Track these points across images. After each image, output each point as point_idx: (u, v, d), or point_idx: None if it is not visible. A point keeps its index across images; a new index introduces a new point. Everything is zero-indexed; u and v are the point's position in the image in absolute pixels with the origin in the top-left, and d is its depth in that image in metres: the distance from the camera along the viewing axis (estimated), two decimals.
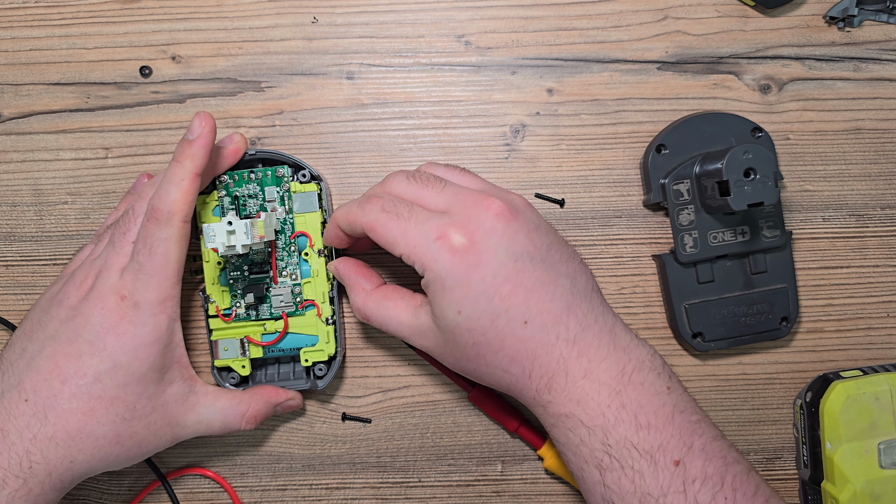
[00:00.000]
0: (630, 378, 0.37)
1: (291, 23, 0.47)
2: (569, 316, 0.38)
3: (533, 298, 0.37)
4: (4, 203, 0.47)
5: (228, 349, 0.44)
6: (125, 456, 0.40)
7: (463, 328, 0.37)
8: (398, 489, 0.47)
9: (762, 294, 0.45)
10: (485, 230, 0.37)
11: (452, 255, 0.37)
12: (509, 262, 0.37)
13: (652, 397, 0.37)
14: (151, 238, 0.39)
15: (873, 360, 0.47)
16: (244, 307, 0.44)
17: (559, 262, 0.39)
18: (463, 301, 0.37)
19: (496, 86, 0.47)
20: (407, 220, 0.38)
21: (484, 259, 0.37)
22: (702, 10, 0.47)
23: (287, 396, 0.45)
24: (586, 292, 0.39)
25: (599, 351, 0.37)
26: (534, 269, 0.37)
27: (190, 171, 0.40)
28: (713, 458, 0.36)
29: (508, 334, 0.37)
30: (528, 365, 0.37)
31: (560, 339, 0.37)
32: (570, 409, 0.37)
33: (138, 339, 0.39)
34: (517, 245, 0.37)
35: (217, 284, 0.44)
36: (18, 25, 0.47)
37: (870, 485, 0.42)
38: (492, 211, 0.38)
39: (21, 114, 0.47)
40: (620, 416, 0.36)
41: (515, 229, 0.38)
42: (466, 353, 0.38)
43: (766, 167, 0.40)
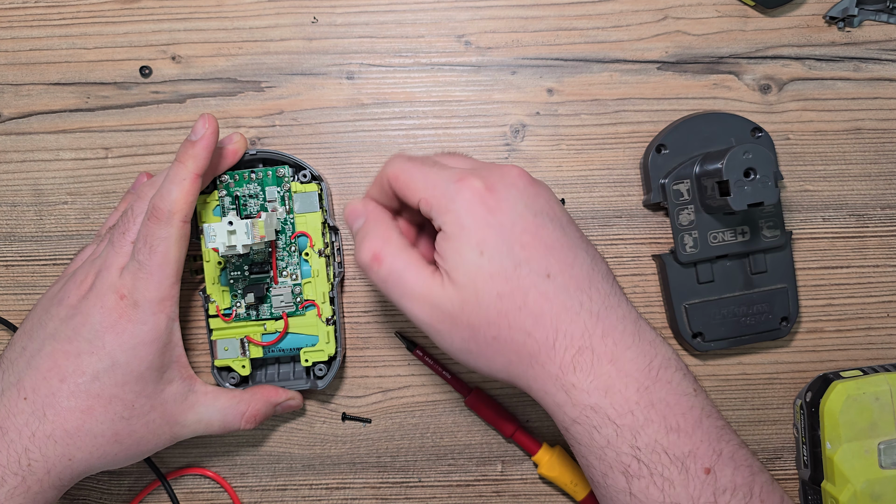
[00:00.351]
0: (658, 374, 0.35)
1: (291, 23, 0.47)
2: (591, 288, 0.35)
3: (554, 255, 0.35)
4: (4, 203, 0.47)
5: (228, 349, 0.44)
6: (124, 455, 0.40)
7: (486, 273, 0.35)
8: (398, 489, 0.47)
9: (762, 294, 0.45)
10: (505, 182, 0.36)
11: (473, 195, 0.35)
12: (528, 215, 0.36)
13: (680, 398, 0.35)
14: (152, 237, 0.39)
15: (873, 360, 0.47)
16: (244, 307, 0.44)
17: (580, 238, 0.37)
18: (484, 242, 0.35)
19: (496, 86, 0.47)
20: (430, 167, 0.37)
21: (503, 206, 0.35)
22: (702, 10, 0.47)
23: (287, 396, 0.45)
24: (608, 276, 0.37)
25: (625, 337, 0.35)
26: (554, 229, 0.36)
27: (192, 172, 0.40)
28: (741, 466, 0.34)
29: (532, 286, 0.35)
30: (552, 330, 0.35)
31: (584, 308, 0.35)
32: (597, 399, 0.34)
33: (137, 338, 0.39)
34: (537, 203, 0.36)
35: (217, 284, 0.44)
36: (18, 25, 0.47)
37: (870, 485, 0.42)
38: (514, 171, 0.37)
39: (21, 114, 0.47)
40: (650, 415, 0.34)
41: (537, 192, 0.37)
42: (489, 313, 0.35)
43: (766, 167, 0.40)
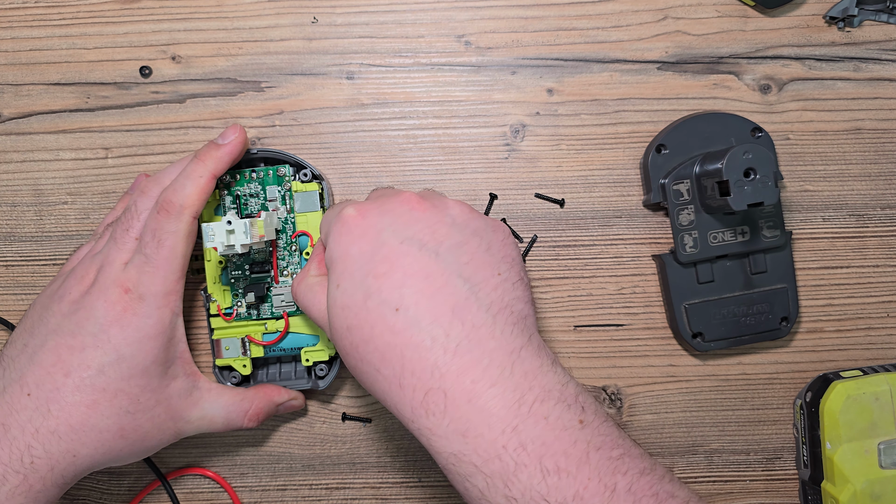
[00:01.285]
0: (531, 410, 0.31)
1: (291, 23, 0.47)
2: (452, 320, 0.33)
3: (410, 286, 0.33)
4: (4, 203, 0.47)
5: (230, 348, 0.44)
6: (128, 450, 0.40)
7: (339, 305, 0.34)
8: (398, 489, 0.47)
9: (762, 294, 0.45)
10: (381, 210, 0.36)
11: (342, 227, 0.36)
12: (393, 242, 0.34)
13: (559, 434, 0.31)
14: (160, 230, 0.39)
15: (873, 360, 0.47)
16: (245, 306, 0.44)
17: (464, 265, 0.34)
18: (342, 275, 0.35)
19: (496, 86, 0.47)
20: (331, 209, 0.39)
21: (369, 234, 0.35)
22: (702, 10, 0.47)
23: (290, 396, 0.45)
24: (491, 306, 0.33)
25: (489, 371, 0.32)
26: (420, 256, 0.34)
27: (210, 171, 0.41)
28: (642, 497, 0.30)
29: (379, 319, 0.33)
30: (398, 366, 0.32)
31: (436, 343, 0.32)
32: (458, 445, 0.31)
33: (142, 332, 0.39)
34: (409, 230, 0.35)
35: (218, 283, 0.44)
36: (18, 25, 0.47)
37: (870, 485, 0.42)
38: (400, 198, 0.36)
39: (21, 114, 0.47)
40: (521, 459, 0.30)
41: (417, 218, 0.35)
42: (344, 343, 0.35)
43: (766, 167, 0.40)
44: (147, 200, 0.41)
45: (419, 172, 0.47)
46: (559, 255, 0.47)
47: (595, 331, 0.47)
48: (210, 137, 0.47)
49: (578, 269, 0.47)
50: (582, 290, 0.47)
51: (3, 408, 0.38)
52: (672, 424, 0.47)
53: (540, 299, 0.47)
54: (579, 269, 0.47)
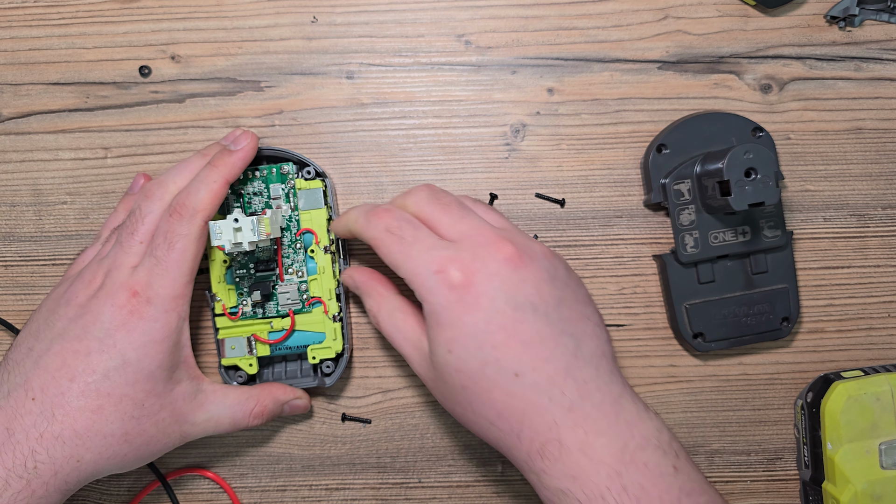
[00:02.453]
0: (633, 457, 0.34)
1: (291, 22, 0.47)
2: (566, 379, 0.35)
3: (527, 352, 0.35)
4: (3, 203, 0.47)
5: (235, 348, 0.44)
6: (133, 455, 0.40)
7: (452, 368, 0.36)
8: (398, 490, 0.47)
9: (763, 294, 0.45)
10: (488, 272, 0.35)
11: (449, 292, 0.35)
12: (507, 310, 0.35)
13: (657, 480, 0.34)
14: (172, 233, 0.39)
15: (874, 360, 0.47)
16: (250, 305, 0.44)
17: (567, 320, 0.36)
18: (454, 341, 0.35)
19: (496, 85, 0.47)
20: (410, 245, 0.37)
21: (481, 303, 0.35)
22: (702, 10, 0.46)
23: (295, 395, 0.45)
24: (592, 358, 0.36)
25: (598, 424, 0.35)
26: (535, 322, 0.35)
27: (223, 177, 0.41)
28: None
29: (497, 385, 0.35)
30: (516, 424, 0.35)
31: (553, 402, 0.35)
32: (567, 484, 0.34)
33: (148, 336, 0.39)
34: (520, 294, 0.35)
35: (223, 283, 0.44)
36: (17, 25, 0.47)
37: (871, 485, 0.41)
38: (501, 254, 0.36)
39: (20, 113, 0.47)
40: (622, 500, 0.33)
41: (523, 277, 0.36)
42: (456, 396, 0.37)
43: (767, 167, 0.40)
44: (151, 203, 0.41)
45: (419, 172, 0.47)
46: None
47: None
48: (210, 137, 0.46)
49: (579, 269, 0.47)
50: None
51: (7, 412, 0.38)
52: (673, 425, 0.47)
53: None
54: (580, 270, 0.47)
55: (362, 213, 0.40)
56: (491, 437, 0.37)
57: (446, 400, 0.38)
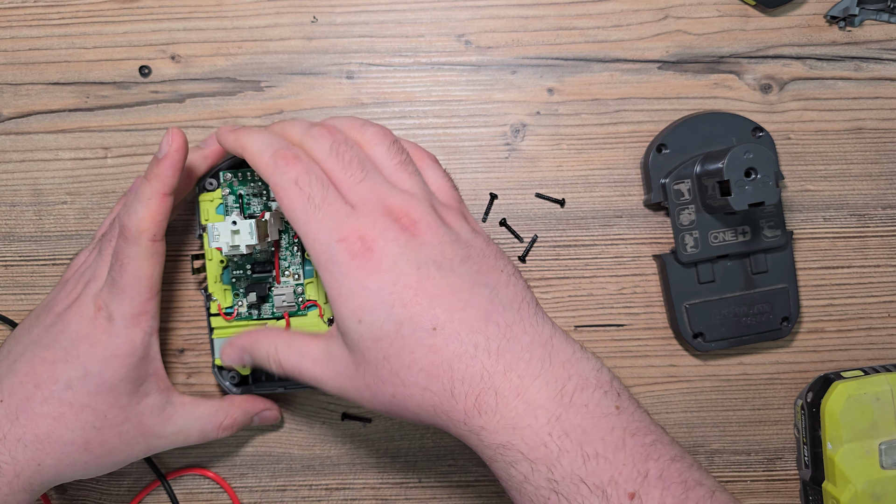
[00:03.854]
0: (572, 399, 0.33)
1: (291, 22, 0.47)
2: (487, 325, 0.34)
3: (440, 305, 0.34)
4: (3, 203, 0.47)
5: None
6: (94, 464, 0.40)
7: (368, 339, 0.35)
8: (398, 489, 0.47)
9: (763, 294, 0.45)
10: (387, 238, 0.35)
11: (351, 259, 0.35)
12: (411, 270, 0.34)
13: (598, 421, 0.33)
14: (122, 254, 0.39)
15: (874, 360, 0.47)
16: (246, 306, 0.44)
17: (478, 273, 0.36)
18: (362, 309, 0.34)
19: (496, 85, 0.47)
20: (316, 208, 0.36)
21: (383, 266, 0.34)
22: (702, 10, 0.46)
23: (265, 406, 0.45)
24: (512, 303, 0.35)
25: (531, 366, 0.34)
26: (441, 277, 0.35)
27: (157, 191, 0.39)
28: (671, 484, 0.32)
29: (418, 343, 0.34)
30: (447, 380, 0.34)
31: (479, 349, 0.34)
32: (507, 437, 0.33)
33: (109, 350, 0.39)
34: (421, 255, 0.35)
35: (219, 283, 0.44)
36: (17, 25, 0.47)
37: (871, 485, 0.41)
38: (398, 223, 0.35)
39: (20, 113, 0.47)
40: (564, 445, 0.32)
41: (421, 242, 0.35)
42: (380, 373, 0.35)
43: (767, 167, 0.40)
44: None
45: None
46: (560, 255, 0.47)
47: (596, 331, 0.47)
48: None
49: (579, 269, 0.47)
50: (582, 290, 0.47)
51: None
52: (673, 425, 0.47)
53: (540, 299, 0.47)
54: (580, 269, 0.47)
55: (267, 148, 0.38)
56: (427, 406, 0.35)
57: (374, 387, 0.35)
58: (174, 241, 0.46)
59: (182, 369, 0.47)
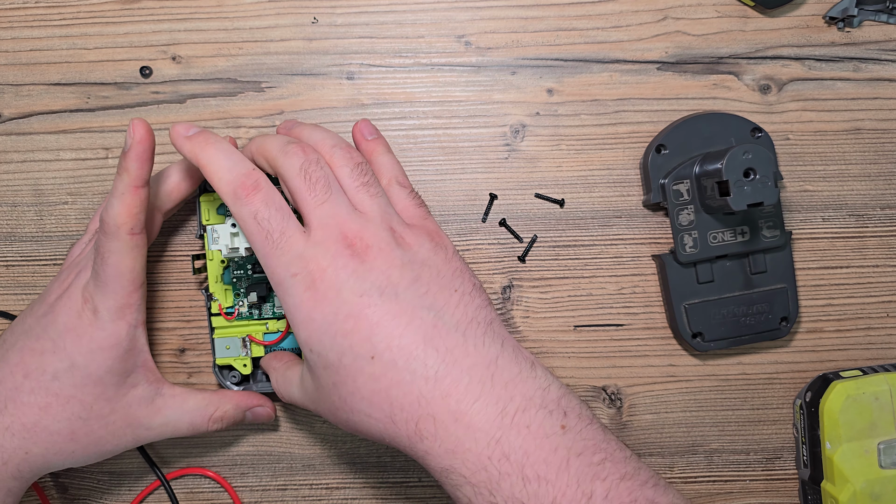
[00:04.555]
0: (513, 420, 0.33)
1: (291, 23, 0.47)
2: (426, 350, 0.34)
3: (378, 333, 0.34)
4: (5, 203, 0.47)
5: (230, 347, 0.44)
6: (82, 453, 0.40)
7: (319, 367, 0.36)
8: (398, 489, 0.47)
9: (762, 294, 0.45)
10: (336, 267, 0.35)
11: (303, 292, 0.35)
12: (353, 298, 0.35)
13: (541, 442, 0.32)
14: (102, 249, 0.39)
15: (873, 360, 0.47)
16: (247, 306, 0.44)
17: (424, 295, 0.35)
18: (311, 339, 0.35)
19: (496, 86, 0.47)
20: (274, 246, 0.36)
21: (329, 296, 0.35)
22: (702, 11, 0.47)
23: (258, 402, 0.45)
24: (458, 325, 0.35)
25: (471, 389, 0.33)
26: (382, 304, 0.35)
27: (129, 184, 0.38)
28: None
29: (358, 372, 0.34)
30: (387, 407, 0.34)
31: (416, 375, 0.34)
32: (449, 461, 0.33)
33: (95, 343, 0.39)
34: (366, 281, 0.35)
35: (220, 283, 0.44)
36: (19, 25, 0.47)
37: (869, 485, 0.42)
38: (350, 249, 0.36)
39: (21, 114, 0.47)
40: (504, 468, 0.32)
41: (371, 267, 0.35)
42: (332, 398, 0.36)
43: (766, 167, 0.40)
44: None
45: (419, 172, 0.47)
46: (559, 255, 0.47)
47: (595, 331, 0.47)
48: None
49: (578, 269, 0.47)
50: (582, 290, 0.47)
51: None
52: (672, 424, 0.47)
53: (540, 299, 0.47)
54: (579, 269, 0.47)
55: (227, 172, 0.37)
56: (374, 432, 0.35)
57: (331, 410, 0.37)
58: (175, 242, 0.47)
59: (183, 369, 0.47)
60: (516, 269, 0.47)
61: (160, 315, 0.47)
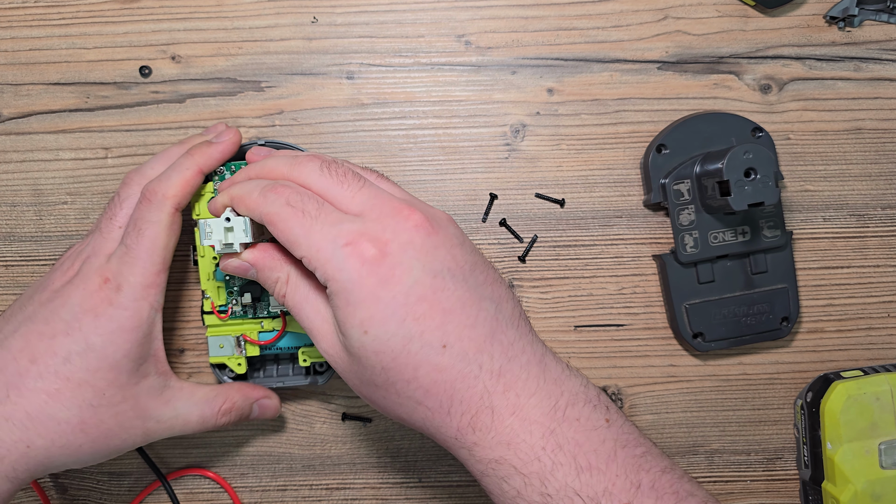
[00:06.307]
0: (564, 414, 0.34)
1: (291, 22, 0.47)
2: (493, 344, 0.34)
3: (452, 321, 0.33)
4: (4, 203, 0.47)
5: (224, 346, 0.43)
6: (90, 448, 0.38)
7: (370, 351, 0.33)
8: (398, 489, 0.47)
9: (763, 294, 0.45)
10: (401, 242, 0.33)
11: (361, 266, 0.33)
12: (426, 279, 0.33)
13: (590, 434, 0.33)
14: (141, 220, 0.38)
15: (874, 360, 0.47)
16: (240, 305, 0.44)
17: (484, 284, 0.35)
18: (370, 320, 0.33)
19: (496, 86, 0.47)
20: (314, 219, 0.34)
21: (397, 274, 0.33)
22: (702, 10, 0.47)
23: (265, 394, 0.44)
24: (513, 319, 0.35)
25: (528, 384, 0.34)
26: (455, 289, 0.33)
27: (197, 164, 0.40)
28: (664, 495, 0.33)
29: (423, 361, 0.33)
30: (446, 399, 0.33)
31: (484, 369, 0.33)
32: (500, 452, 0.33)
33: (115, 323, 0.38)
34: (436, 261, 0.33)
35: (212, 280, 0.43)
36: (18, 25, 0.47)
37: (870, 485, 0.42)
38: (410, 222, 0.34)
39: (21, 114, 0.47)
40: (558, 458, 0.33)
41: (436, 244, 0.34)
42: (374, 379, 0.34)
43: (767, 167, 0.40)
44: (129, 189, 0.41)
45: (419, 172, 0.47)
46: (559, 255, 0.47)
47: (595, 331, 0.47)
48: None
49: (579, 269, 0.47)
50: (582, 290, 0.47)
51: None
52: (673, 424, 0.47)
53: (540, 299, 0.47)
54: (580, 269, 0.47)
55: (257, 188, 0.36)
56: (416, 418, 0.34)
57: (363, 385, 0.35)
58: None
59: (182, 369, 0.47)
60: (517, 270, 0.47)
61: None
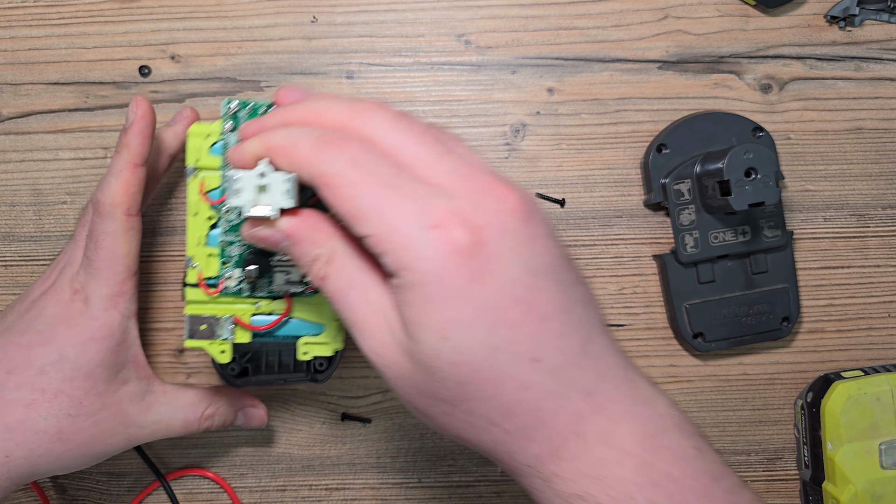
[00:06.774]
0: (658, 442, 0.28)
1: (291, 22, 0.47)
2: (585, 357, 0.28)
3: (547, 330, 0.27)
4: (3, 203, 0.47)
5: (206, 328, 0.37)
6: (72, 455, 0.38)
7: (445, 360, 0.27)
8: (398, 490, 0.47)
9: (763, 294, 0.45)
10: (496, 229, 0.27)
11: (452, 255, 0.26)
12: (524, 277, 0.27)
13: (684, 466, 0.28)
14: (96, 232, 0.38)
15: (874, 360, 0.47)
16: (236, 279, 0.36)
17: (574, 284, 0.29)
18: (455, 323, 0.26)
19: (496, 85, 0.47)
20: (391, 189, 0.27)
21: (495, 269, 0.26)
22: (702, 10, 0.46)
23: (251, 402, 0.43)
24: (601, 327, 0.29)
25: (620, 406, 0.28)
26: (550, 290, 0.28)
27: (128, 161, 0.38)
28: None
29: (510, 376, 0.27)
30: (529, 421, 0.28)
31: (574, 388, 0.28)
32: (586, 486, 0.28)
33: (87, 333, 0.37)
34: (535, 255, 0.27)
35: (203, 245, 0.36)
36: (17, 25, 0.47)
37: (871, 485, 0.41)
38: (507, 204, 0.27)
39: (20, 113, 0.47)
40: (653, 497, 0.27)
41: (533, 234, 0.28)
42: (442, 393, 0.28)
43: (767, 167, 0.40)
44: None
45: None
46: None
47: None
48: None
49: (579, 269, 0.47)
50: None
51: None
52: None
53: None
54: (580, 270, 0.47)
55: (308, 137, 0.28)
56: (486, 440, 0.29)
57: (422, 397, 0.29)
58: (173, 241, 0.46)
59: (182, 370, 0.47)
60: None
61: (159, 315, 0.47)
